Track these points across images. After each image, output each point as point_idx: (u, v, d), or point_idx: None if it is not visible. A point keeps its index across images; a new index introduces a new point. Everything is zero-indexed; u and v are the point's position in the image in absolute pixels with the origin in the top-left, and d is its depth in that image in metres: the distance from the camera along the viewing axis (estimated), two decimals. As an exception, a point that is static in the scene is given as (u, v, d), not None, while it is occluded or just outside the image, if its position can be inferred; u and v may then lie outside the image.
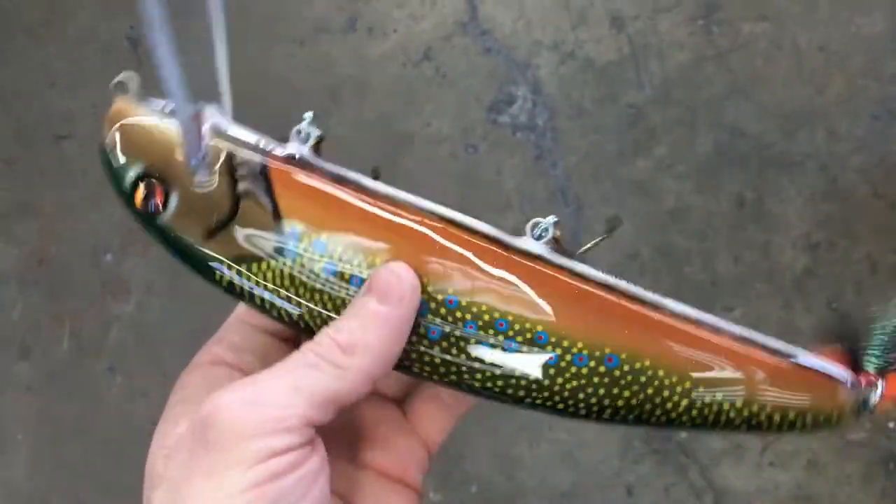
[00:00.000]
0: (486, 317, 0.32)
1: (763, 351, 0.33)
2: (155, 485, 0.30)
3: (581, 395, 0.33)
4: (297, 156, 0.35)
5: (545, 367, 0.33)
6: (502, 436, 1.10)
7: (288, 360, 0.31)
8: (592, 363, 0.33)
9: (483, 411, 1.14)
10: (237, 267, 0.34)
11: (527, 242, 0.33)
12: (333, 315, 0.33)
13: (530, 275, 0.33)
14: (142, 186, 0.35)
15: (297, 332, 0.36)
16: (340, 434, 0.35)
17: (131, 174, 0.35)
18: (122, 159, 0.35)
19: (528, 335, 0.33)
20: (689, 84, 1.25)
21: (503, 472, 1.09)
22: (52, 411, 1.20)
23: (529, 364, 0.33)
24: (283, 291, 0.33)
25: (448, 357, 0.34)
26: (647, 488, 1.06)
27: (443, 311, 0.33)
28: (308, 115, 0.36)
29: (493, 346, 0.33)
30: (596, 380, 0.33)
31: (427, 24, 1.34)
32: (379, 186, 0.34)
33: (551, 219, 0.33)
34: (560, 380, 0.33)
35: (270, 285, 0.34)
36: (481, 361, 0.33)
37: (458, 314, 0.33)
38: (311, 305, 0.33)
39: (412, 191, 0.35)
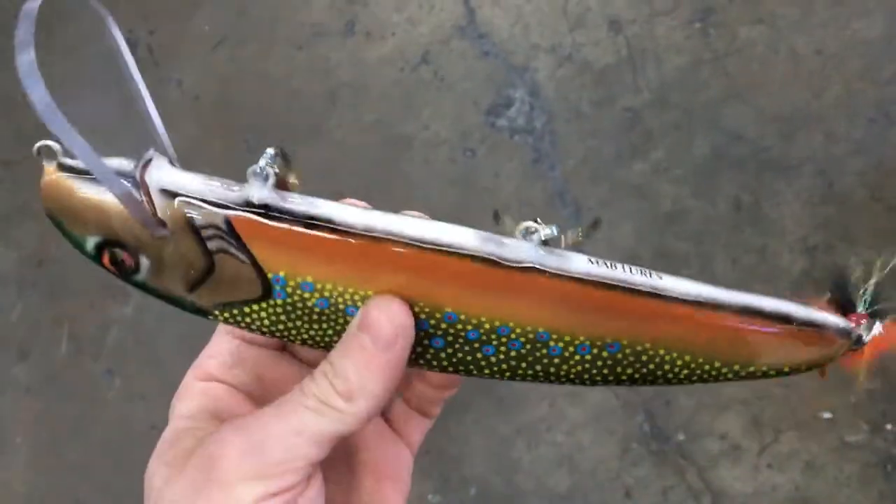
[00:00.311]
0: (487, 325, 0.33)
1: (763, 320, 0.33)
2: (153, 499, 0.31)
3: (585, 375, 0.34)
4: (258, 202, 0.31)
5: (549, 357, 0.34)
6: (500, 438, 1.10)
7: (291, 401, 0.31)
8: (595, 350, 0.33)
9: (481, 413, 1.14)
10: (228, 312, 0.34)
11: (518, 250, 0.32)
12: (336, 338, 0.33)
13: (526, 287, 0.32)
14: (106, 254, 0.33)
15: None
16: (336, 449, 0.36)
17: (90, 245, 0.33)
18: (74, 233, 0.33)
19: (531, 335, 0.33)
20: (687, 87, 1.25)
21: (501, 474, 1.09)
22: (50, 413, 1.20)
23: (535, 357, 0.34)
24: (279, 326, 0.33)
25: (455, 358, 0.34)
26: (645, 490, 1.06)
27: (443, 325, 0.33)
28: (268, 151, 0.32)
29: (497, 346, 0.33)
30: (599, 363, 0.34)
31: (425, 27, 1.35)
32: (353, 218, 0.31)
33: (554, 228, 0.32)
34: (565, 367, 0.34)
35: (266, 322, 0.33)
36: (487, 360, 0.34)
37: (459, 326, 0.33)
38: (311, 333, 0.33)
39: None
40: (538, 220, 0.33)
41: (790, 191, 1.17)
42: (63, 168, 0.34)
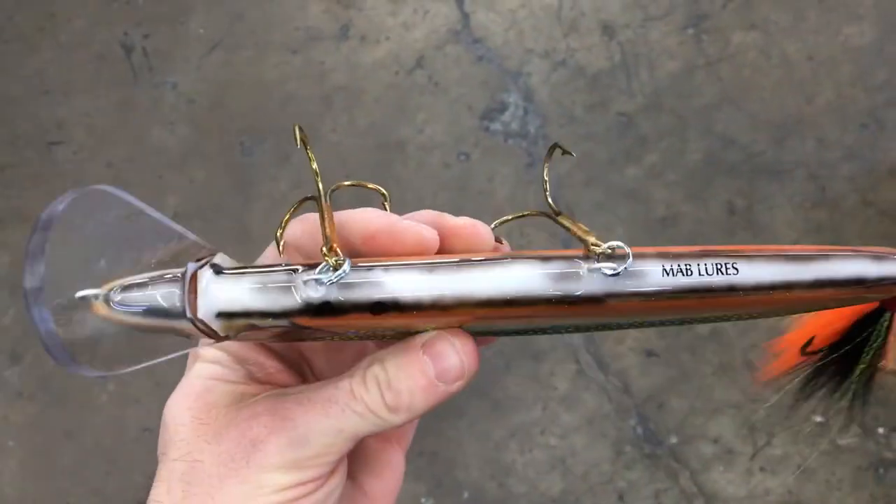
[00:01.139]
0: (557, 323, 0.34)
1: (836, 289, 0.33)
2: (177, 446, 0.32)
3: (648, 327, 0.35)
4: (318, 302, 0.30)
5: (618, 326, 0.35)
6: (494, 441, 1.10)
7: (339, 401, 0.31)
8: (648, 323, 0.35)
9: (475, 417, 1.14)
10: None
11: (591, 282, 0.30)
12: (391, 335, 0.33)
13: (601, 307, 0.31)
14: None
15: None
16: None
17: None
18: None
19: (601, 325, 0.34)
20: (680, 92, 1.26)
21: (495, 478, 1.09)
22: (43, 417, 1.20)
23: (604, 327, 0.35)
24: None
25: (509, 336, 0.35)
26: (638, 494, 1.07)
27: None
28: (322, 269, 0.29)
29: (564, 328, 0.34)
30: (669, 324, 0.35)
31: (420, 32, 1.35)
32: (420, 291, 0.30)
33: (614, 244, 0.31)
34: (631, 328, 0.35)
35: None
36: (545, 331, 0.35)
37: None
38: (367, 334, 0.34)
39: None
40: (608, 243, 0.31)
41: (783, 195, 1.18)
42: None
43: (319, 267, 0.29)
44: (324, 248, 0.30)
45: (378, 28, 1.36)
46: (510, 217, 0.36)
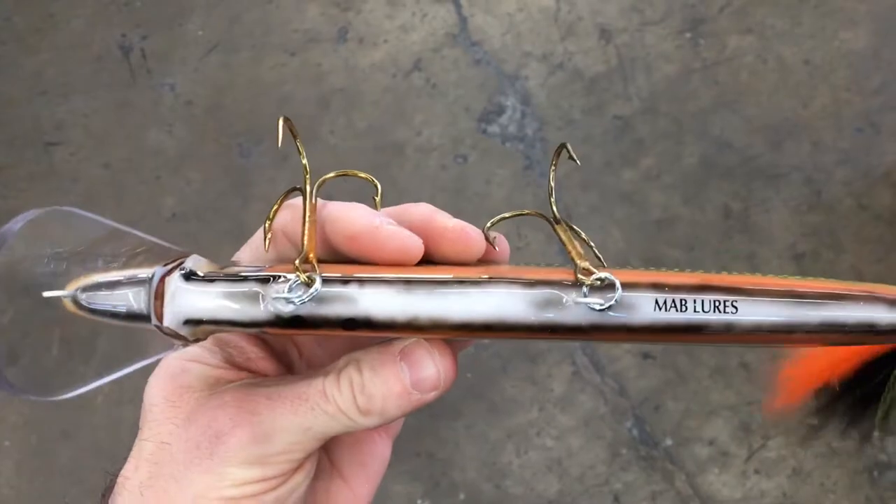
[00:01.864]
0: None
1: (842, 335, 0.30)
2: (149, 426, 0.32)
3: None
4: (288, 316, 0.29)
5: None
6: (490, 444, 1.10)
7: (309, 400, 0.31)
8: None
9: (472, 418, 1.14)
10: None
11: (576, 314, 0.29)
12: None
13: (589, 335, 0.30)
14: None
15: None
16: None
17: None
18: None
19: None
20: (676, 96, 1.26)
21: (491, 479, 1.09)
22: (39, 417, 1.20)
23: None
24: None
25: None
26: (633, 496, 1.07)
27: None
28: (293, 285, 0.29)
29: None
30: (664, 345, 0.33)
31: (417, 35, 1.35)
32: (395, 309, 0.29)
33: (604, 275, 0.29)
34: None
35: None
36: None
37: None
38: None
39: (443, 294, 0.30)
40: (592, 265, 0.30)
41: (778, 199, 1.18)
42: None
43: (290, 283, 0.29)
44: (297, 262, 0.29)
45: (376, 30, 1.37)
46: (508, 215, 0.34)
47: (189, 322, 0.29)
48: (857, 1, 1.28)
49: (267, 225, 0.31)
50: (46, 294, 0.30)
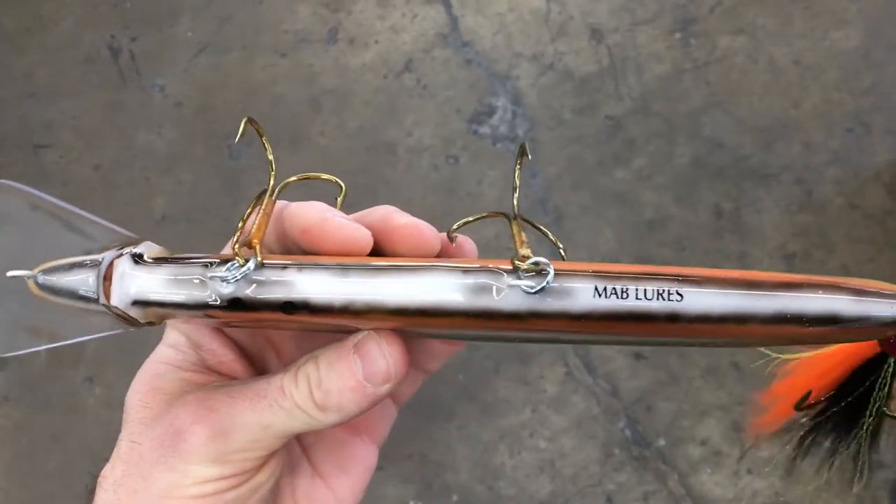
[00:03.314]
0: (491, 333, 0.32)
1: (801, 326, 0.29)
2: (128, 426, 0.33)
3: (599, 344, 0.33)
4: (227, 299, 0.30)
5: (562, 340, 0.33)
6: (483, 445, 1.10)
7: (267, 396, 0.31)
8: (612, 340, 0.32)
9: (465, 420, 1.14)
10: None
11: (512, 300, 0.29)
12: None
13: (529, 324, 0.29)
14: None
15: None
16: None
17: None
18: None
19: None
20: (668, 96, 1.26)
21: (484, 481, 1.09)
22: (29, 422, 1.19)
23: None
24: None
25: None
26: (626, 496, 1.07)
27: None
28: (230, 266, 0.30)
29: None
30: (617, 345, 0.33)
31: (408, 35, 1.35)
32: (332, 293, 0.29)
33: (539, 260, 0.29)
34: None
35: None
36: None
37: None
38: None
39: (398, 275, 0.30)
40: (525, 256, 0.29)
41: (769, 198, 1.19)
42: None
43: (228, 264, 0.30)
44: (235, 246, 0.30)
45: (367, 31, 1.36)
46: (472, 219, 0.34)
47: (137, 303, 0.30)
48: (848, 0, 1.29)
49: (239, 226, 0.32)
50: (10, 274, 0.31)
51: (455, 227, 0.33)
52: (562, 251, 0.33)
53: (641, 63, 1.29)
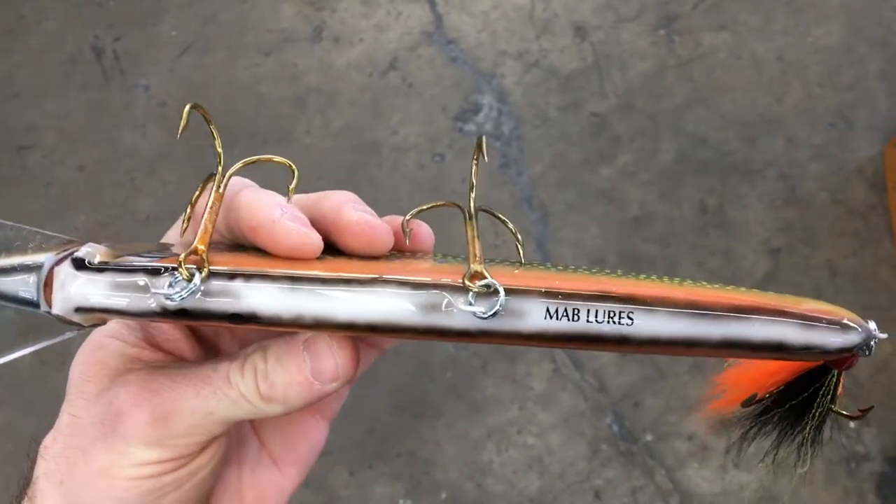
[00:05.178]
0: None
1: (748, 351, 0.30)
2: (70, 398, 0.32)
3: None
4: (173, 309, 0.29)
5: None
6: (471, 442, 1.10)
7: (212, 384, 0.31)
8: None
9: (453, 417, 1.14)
10: None
11: (462, 319, 0.29)
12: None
13: (474, 341, 0.30)
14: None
15: None
16: None
17: None
18: None
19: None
20: (652, 93, 1.27)
21: (472, 478, 1.09)
22: (14, 424, 1.19)
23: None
24: None
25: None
26: (614, 491, 1.07)
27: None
28: (174, 281, 0.29)
29: None
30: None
31: (393, 34, 1.35)
32: (280, 307, 0.29)
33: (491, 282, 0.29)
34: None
35: None
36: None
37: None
38: None
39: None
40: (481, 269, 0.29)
41: (754, 194, 1.19)
42: None
43: (171, 279, 0.29)
44: (182, 256, 0.29)
45: (351, 30, 1.36)
46: (425, 207, 0.34)
47: (80, 310, 0.29)
48: (829, -3, 1.30)
49: (188, 210, 0.31)
50: None
51: (408, 216, 0.33)
52: (519, 247, 0.34)
53: (625, 60, 1.29)
